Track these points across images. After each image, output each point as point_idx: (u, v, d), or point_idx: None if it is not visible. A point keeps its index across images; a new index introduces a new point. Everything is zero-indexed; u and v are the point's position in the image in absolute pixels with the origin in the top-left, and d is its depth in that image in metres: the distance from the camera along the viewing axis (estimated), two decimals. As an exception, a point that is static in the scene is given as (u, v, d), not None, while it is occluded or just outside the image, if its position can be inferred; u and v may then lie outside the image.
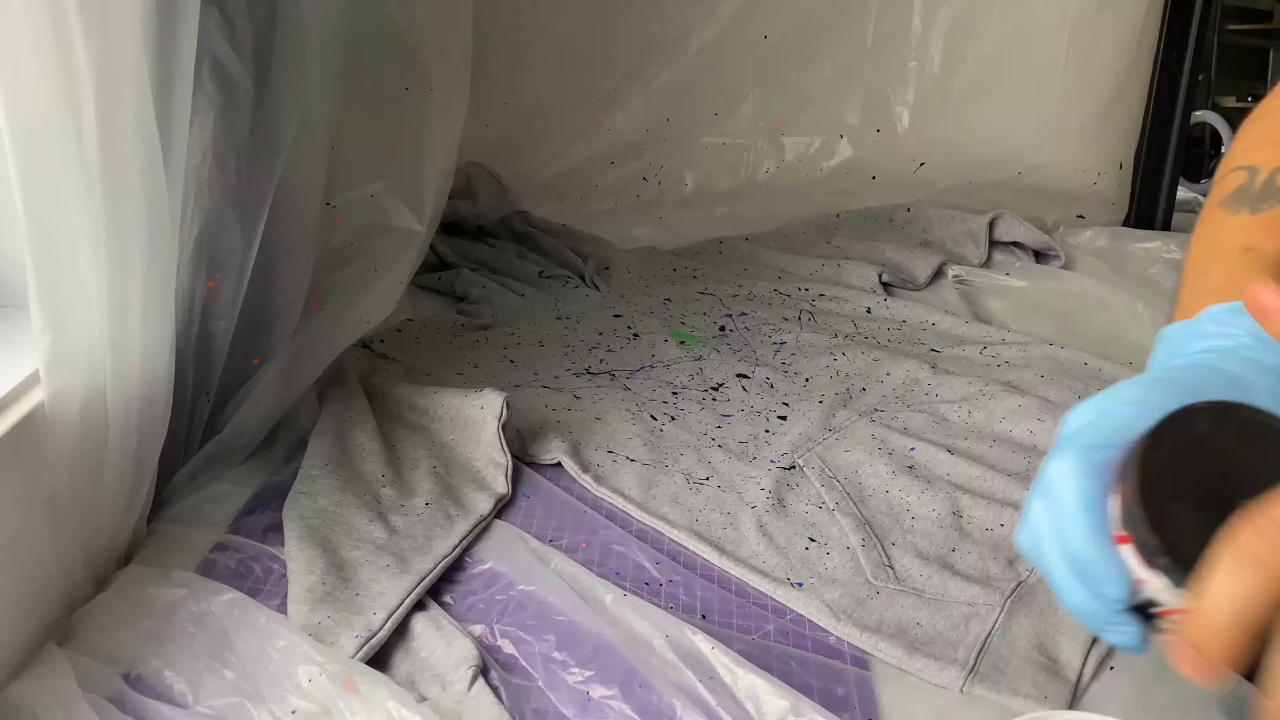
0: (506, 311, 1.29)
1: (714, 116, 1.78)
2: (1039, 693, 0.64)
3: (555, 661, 0.66)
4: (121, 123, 0.61)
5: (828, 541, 0.81)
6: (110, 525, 0.71)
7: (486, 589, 0.74)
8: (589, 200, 1.71)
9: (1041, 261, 1.48)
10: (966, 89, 1.74)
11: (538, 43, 1.72)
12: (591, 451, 0.93)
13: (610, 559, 0.78)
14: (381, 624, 0.67)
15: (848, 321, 1.28)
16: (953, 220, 1.54)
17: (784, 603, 0.74)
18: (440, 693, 0.63)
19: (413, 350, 1.16)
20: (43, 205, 0.58)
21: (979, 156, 1.71)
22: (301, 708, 0.60)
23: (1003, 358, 1.16)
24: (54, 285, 0.60)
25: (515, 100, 1.72)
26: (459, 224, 1.51)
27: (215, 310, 0.82)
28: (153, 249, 0.66)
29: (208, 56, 0.76)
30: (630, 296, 1.36)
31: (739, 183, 1.77)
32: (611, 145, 1.76)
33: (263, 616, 0.65)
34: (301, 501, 0.79)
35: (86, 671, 0.61)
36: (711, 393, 1.08)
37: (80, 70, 0.57)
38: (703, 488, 0.88)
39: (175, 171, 0.69)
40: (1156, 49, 1.67)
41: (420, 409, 0.96)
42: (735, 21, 1.74)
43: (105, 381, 0.65)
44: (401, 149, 1.17)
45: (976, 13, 1.71)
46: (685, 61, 1.76)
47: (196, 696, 0.61)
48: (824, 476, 0.90)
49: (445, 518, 0.80)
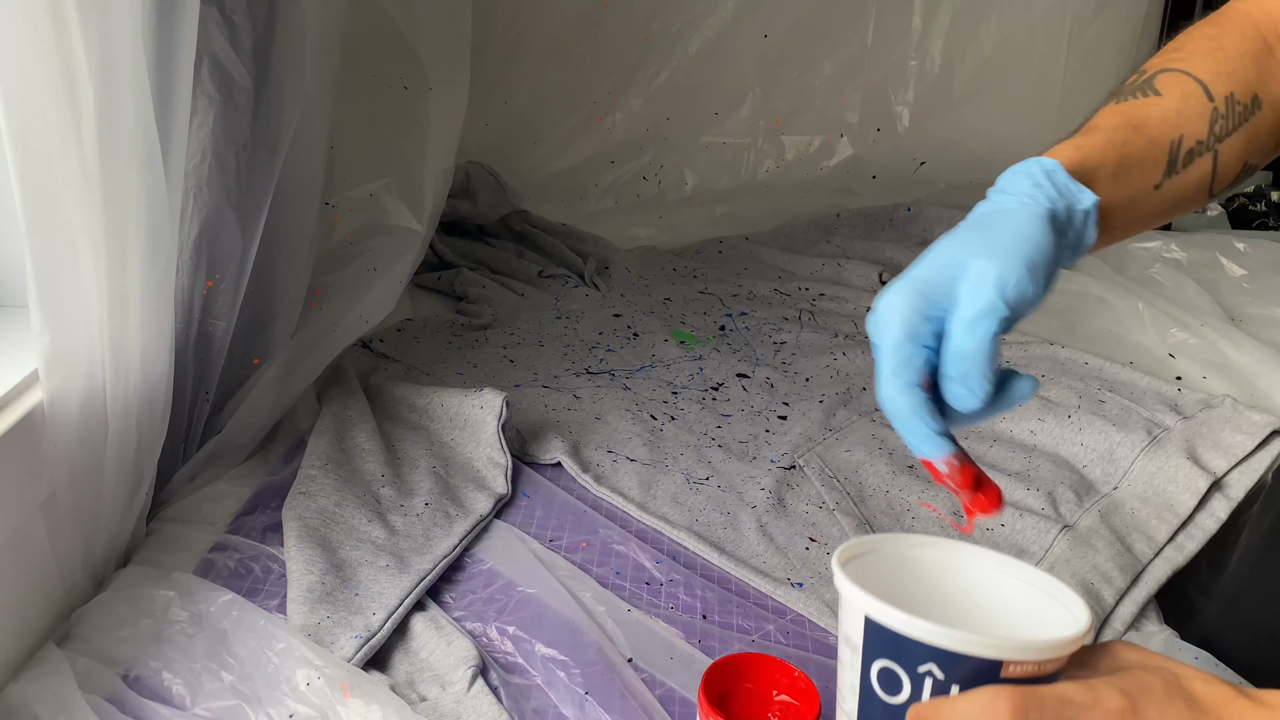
0: (506, 311, 1.29)
1: (714, 116, 1.78)
2: (1039, 693, 0.64)
3: (555, 661, 0.66)
4: (121, 122, 0.60)
5: (828, 541, 0.81)
6: (109, 525, 0.71)
7: (486, 589, 0.74)
8: (589, 200, 1.71)
9: (1041, 261, 1.47)
10: (966, 88, 1.74)
11: (537, 42, 1.72)
12: (591, 451, 0.93)
13: (610, 559, 0.78)
14: (381, 624, 0.67)
15: (848, 321, 1.28)
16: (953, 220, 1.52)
17: (784, 603, 0.74)
18: (440, 693, 0.63)
19: (412, 350, 1.16)
20: (42, 205, 0.58)
21: (979, 155, 1.70)
22: (299, 711, 0.60)
23: (1003, 357, 1.16)
24: (54, 285, 0.60)
25: (515, 99, 1.72)
26: (459, 223, 1.51)
27: (215, 310, 0.82)
28: (152, 249, 0.66)
29: (207, 55, 0.76)
30: (630, 296, 1.36)
31: (739, 182, 1.77)
32: (611, 144, 1.76)
33: (261, 619, 0.65)
34: (301, 501, 0.79)
35: (85, 672, 0.61)
36: (711, 392, 1.08)
37: (80, 70, 0.57)
38: (703, 487, 0.88)
39: (175, 171, 0.69)
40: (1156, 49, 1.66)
41: (420, 409, 0.96)
42: (735, 20, 1.74)
43: (104, 381, 0.65)
44: (401, 148, 1.17)
45: (976, 13, 1.71)
46: (685, 60, 1.76)
47: (195, 698, 0.61)
48: (824, 476, 0.90)
49: (445, 518, 0.80)
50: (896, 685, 0.40)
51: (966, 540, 0.48)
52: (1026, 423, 0.98)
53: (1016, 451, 0.94)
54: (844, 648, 0.43)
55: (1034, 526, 0.82)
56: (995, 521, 0.83)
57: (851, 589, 0.41)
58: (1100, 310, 1.29)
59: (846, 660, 0.43)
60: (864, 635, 0.41)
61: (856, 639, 0.41)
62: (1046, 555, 0.79)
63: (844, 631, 0.43)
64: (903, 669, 0.40)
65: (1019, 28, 1.70)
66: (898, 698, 0.40)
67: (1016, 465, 0.92)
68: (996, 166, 0.55)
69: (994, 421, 0.99)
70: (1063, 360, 1.14)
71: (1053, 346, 1.17)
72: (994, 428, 0.99)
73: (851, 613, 0.42)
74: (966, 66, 1.73)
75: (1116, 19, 1.65)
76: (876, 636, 0.40)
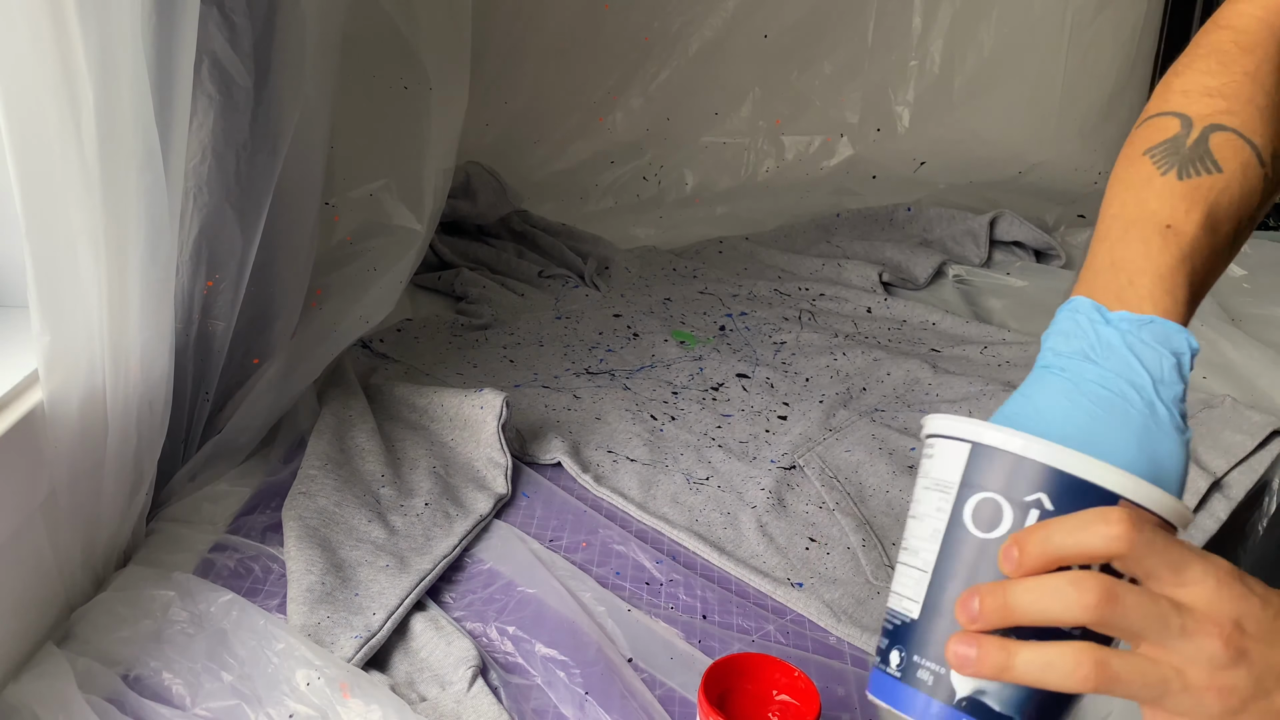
0: (506, 311, 1.29)
1: (714, 116, 1.78)
2: (1039, 693, 0.64)
3: (555, 661, 0.66)
4: (121, 122, 0.60)
5: (828, 541, 0.81)
6: (109, 525, 0.71)
7: (486, 589, 0.74)
8: (589, 200, 1.71)
9: (1042, 261, 1.48)
10: (967, 88, 1.74)
11: (537, 42, 1.72)
12: (591, 451, 0.93)
13: (610, 559, 0.78)
14: (381, 624, 0.67)
15: (848, 321, 1.28)
16: (953, 220, 1.54)
17: (784, 603, 0.74)
18: (440, 693, 0.63)
19: (413, 350, 1.16)
20: (42, 205, 0.58)
21: (979, 156, 1.71)
22: (299, 711, 0.60)
23: (1003, 357, 1.16)
24: (54, 285, 0.60)
25: (515, 99, 1.72)
26: (459, 223, 1.51)
27: (215, 310, 0.82)
28: (152, 249, 0.66)
29: (207, 55, 0.76)
30: (630, 296, 1.36)
31: (739, 182, 1.77)
32: (611, 144, 1.76)
33: (261, 619, 0.65)
34: (301, 501, 0.79)
35: (85, 672, 0.61)
36: (711, 393, 1.08)
37: (80, 70, 0.57)
38: (703, 487, 0.88)
39: (175, 171, 0.69)
40: (1156, 49, 1.67)
41: (420, 409, 0.96)
42: (735, 21, 1.74)
43: (104, 381, 0.65)
44: (401, 148, 1.17)
45: (976, 13, 1.71)
46: (685, 61, 1.76)
47: (195, 698, 0.61)
48: (824, 476, 0.90)
49: (445, 518, 0.80)
50: (995, 518, 0.38)
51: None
52: (1026, 423, 0.98)
53: (1016, 451, 0.94)
54: (927, 495, 0.41)
55: (1034, 526, 0.82)
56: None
57: (958, 419, 0.40)
58: (1100, 310, 1.29)
59: (930, 507, 0.41)
60: (965, 467, 0.39)
61: (952, 475, 0.40)
62: (1046, 555, 0.79)
63: (933, 476, 0.41)
64: (1006, 499, 0.38)
65: (1019, 28, 1.71)
66: (994, 531, 0.38)
67: (1016, 465, 0.92)
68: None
69: (994, 421, 0.99)
70: (1063, 360, 1.14)
71: (1053, 346, 1.17)
72: (994, 428, 0.99)
73: (948, 449, 0.40)
74: (966, 66, 1.74)
75: (1116, 19, 1.65)
76: (983, 465, 0.39)
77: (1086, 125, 1.69)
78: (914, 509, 0.42)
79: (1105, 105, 1.68)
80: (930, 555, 0.40)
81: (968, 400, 1.03)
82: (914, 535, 0.41)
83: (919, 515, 0.41)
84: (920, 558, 0.40)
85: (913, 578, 0.40)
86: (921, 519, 0.41)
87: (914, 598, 0.40)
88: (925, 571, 0.40)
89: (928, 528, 0.40)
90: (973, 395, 1.04)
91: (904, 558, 0.42)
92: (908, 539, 0.42)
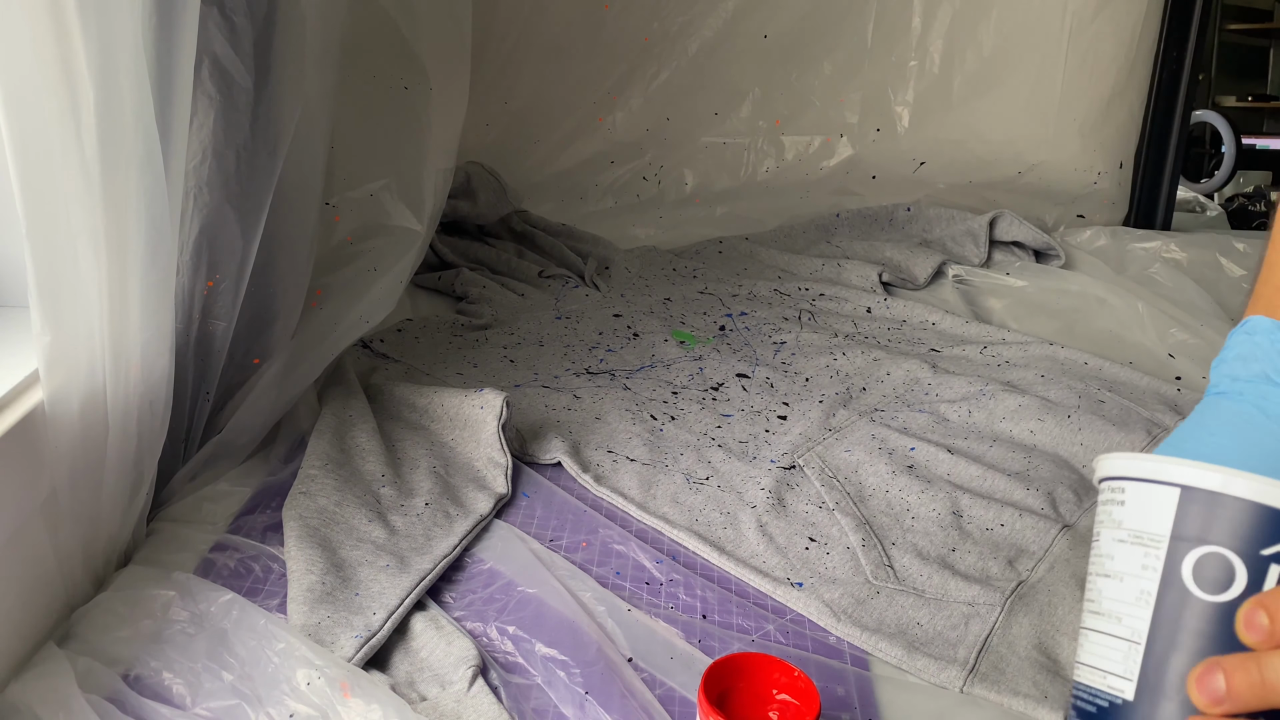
0: (506, 311, 1.29)
1: (714, 116, 1.78)
2: (1039, 692, 0.64)
3: (555, 661, 0.66)
4: (121, 122, 0.60)
5: (828, 541, 0.81)
6: (109, 525, 0.71)
7: (486, 589, 0.74)
8: (589, 200, 1.72)
9: (1042, 261, 1.48)
10: (966, 88, 1.74)
11: (537, 42, 1.72)
12: (591, 451, 0.93)
13: (610, 559, 0.78)
14: (381, 624, 0.67)
15: (848, 321, 1.28)
16: (953, 220, 1.54)
17: (784, 603, 0.74)
18: (440, 693, 0.63)
19: (412, 350, 1.16)
20: (42, 205, 0.58)
21: (979, 156, 1.71)
22: (299, 711, 0.60)
23: (1003, 357, 1.16)
24: (54, 285, 0.60)
25: (515, 100, 1.72)
26: (459, 223, 1.51)
27: (215, 310, 0.82)
28: (152, 249, 0.66)
29: (207, 56, 0.76)
30: (630, 296, 1.36)
31: (739, 182, 1.77)
32: (611, 145, 1.76)
33: (261, 618, 0.65)
34: (301, 501, 0.79)
35: (86, 671, 0.61)
36: (711, 392, 1.08)
37: (80, 70, 0.57)
38: (703, 487, 0.88)
39: (175, 171, 0.69)
40: (1156, 49, 1.67)
41: (420, 409, 0.96)
42: (735, 21, 1.75)
43: (105, 381, 0.65)
44: (401, 148, 1.17)
45: (976, 13, 1.71)
46: (685, 61, 1.76)
47: (195, 698, 0.61)
48: (824, 476, 0.90)
49: (445, 517, 0.80)
50: (1225, 577, 0.32)
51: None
52: (1026, 423, 0.98)
53: (1016, 451, 0.94)
54: (1123, 550, 0.35)
55: (1034, 526, 0.82)
56: (995, 521, 0.83)
57: (1154, 459, 0.34)
58: (1100, 310, 1.29)
59: (1131, 564, 0.34)
60: (1176, 516, 0.33)
61: (1158, 526, 0.34)
62: (1046, 555, 0.79)
63: (1128, 527, 0.35)
64: (1239, 554, 0.32)
65: (1019, 28, 1.71)
66: (1226, 593, 0.32)
67: (1016, 465, 0.92)
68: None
69: (994, 421, 0.99)
70: (1062, 360, 1.14)
71: (1052, 346, 1.17)
72: (994, 428, 0.99)
73: (1147, 495, 0.34)
74: (966, 66, 1.74)
75: (1116, 19, 1.65)
76: (1203, 513, 0.33)
77: (1086, 125, 1.69)
78: (1104, 565, 0.36)
79: (1105, 104, 1.68)
80: (1140, 623, 0.34)
81: (967, 400, 1.03)
82: (1111, 598, 0.35)
83: (1114, 574, 0.35)
84: (1125, 625, 0.34)
85: (1118, 650, 0.34)
86: (1120, 579, 0.35)
87: (1124, 674, 0.34)
88: (1136, 643, 0.34)
89: (1131, 589, 0.34)
90: (972, 395, 1.04)
91: (1099, 624, 0.36)
92: (1100, 601, 0.36)
